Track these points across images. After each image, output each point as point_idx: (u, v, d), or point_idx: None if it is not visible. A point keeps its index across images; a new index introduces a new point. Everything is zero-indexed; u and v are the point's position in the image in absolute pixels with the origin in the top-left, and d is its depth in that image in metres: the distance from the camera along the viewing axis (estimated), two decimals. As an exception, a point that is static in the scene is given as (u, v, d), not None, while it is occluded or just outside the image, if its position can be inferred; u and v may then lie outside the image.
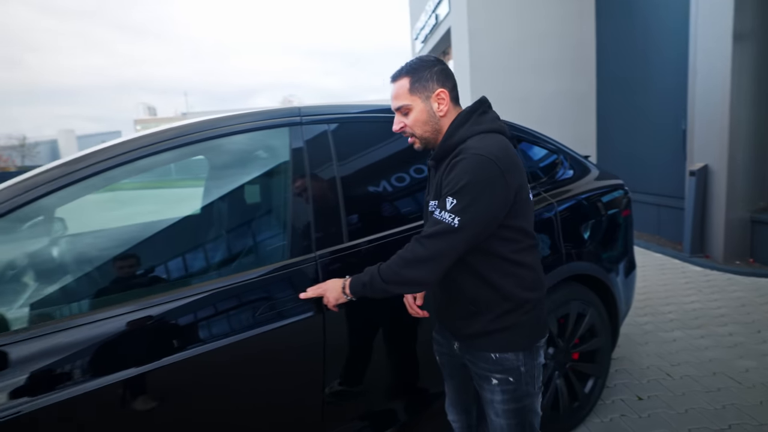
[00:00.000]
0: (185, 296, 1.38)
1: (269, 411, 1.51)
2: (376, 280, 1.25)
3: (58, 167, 1.38)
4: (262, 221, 1.74)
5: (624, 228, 2.56)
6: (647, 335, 3.17)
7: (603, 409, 2.38)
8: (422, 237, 1.21)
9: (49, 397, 1.17)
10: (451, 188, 1.19)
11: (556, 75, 7.90)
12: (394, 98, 1.33)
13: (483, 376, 1.35)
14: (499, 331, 1.30)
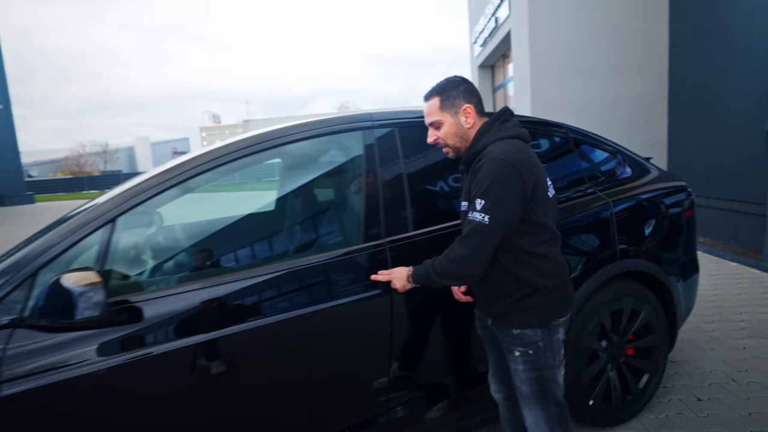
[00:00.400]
0: (280, 270, 1.65)
1: (342, 373, 1.74)
2: (432, 275, 1.48)
3: (160, 174, 1.66)
4: (341, 211, 1.99)
5: (686, 229, 2.56)
6: (713, 342, 3.10)
7: (658, 406, 2.40)
8: (461, 238, 1.43)
9: (171, 344, 1.46)
10: (478, 190, 1.39)
11: (623, 78, 7.64)
12: (427, 115, 1.56)
13: (508, 349, 1.57)
14: (518, 311, 1.51)
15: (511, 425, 1.80)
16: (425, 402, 1.92)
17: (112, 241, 1.51)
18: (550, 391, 1.54)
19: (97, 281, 1.31)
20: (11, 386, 1.28)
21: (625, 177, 2.46)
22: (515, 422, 1.77)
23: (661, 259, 2.37)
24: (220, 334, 1.53)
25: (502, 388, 1.76)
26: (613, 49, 7.65)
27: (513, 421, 1.78)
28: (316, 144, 1.93)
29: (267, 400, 1.64)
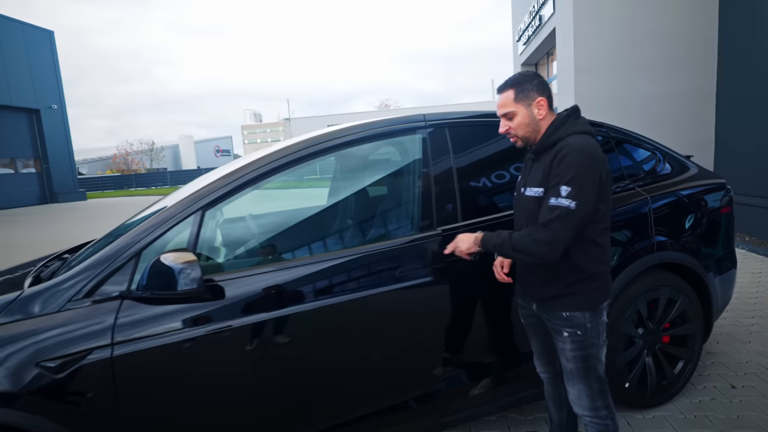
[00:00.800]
0: (346, 256, 1.88)
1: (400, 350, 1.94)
2: (507, 246, 1.60)
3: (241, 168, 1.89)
4: (398, 204, 2.21)
5: (724, 225, 2.67)
6: (752, 335, 3.18)
7: (693, 392, 2.54)
8: (546, 221, 1.52)
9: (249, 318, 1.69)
10: (562, 178, 1.50)
11: (670, 75, 7.57)
12: (501, 106, 1.68)
13: (556, 330, 1.70)
14: (569, 294, 1.64)
15: (554, 400, 1.96)
16: (472, 379, 2.11)
17: (202, 227, 1.77)
18: (594, 368, 1.68)
19: (193, 260, 1.55)
20: (121, 347, 1.53)
21: (664, 174, 2.59)
22: (559, 398, 1.94)
23: (698, 252, 2.50)
24: (291, 311, 1.74)
25: (547, 368, 1.92)
26: (660, 46, 7.60)
27: (557, 397, 1.95)
28: (374, 142, 2.15)
29: (331, 372, 1.83)
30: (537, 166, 1.66)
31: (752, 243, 5.77)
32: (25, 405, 1.43)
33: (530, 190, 1.65)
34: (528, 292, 1.77)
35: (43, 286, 1.64)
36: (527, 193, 1.66)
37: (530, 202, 1.64)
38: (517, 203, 1.77)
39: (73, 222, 14.12)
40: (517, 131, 1.66)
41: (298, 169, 1.98)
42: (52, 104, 24.14)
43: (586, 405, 1.70)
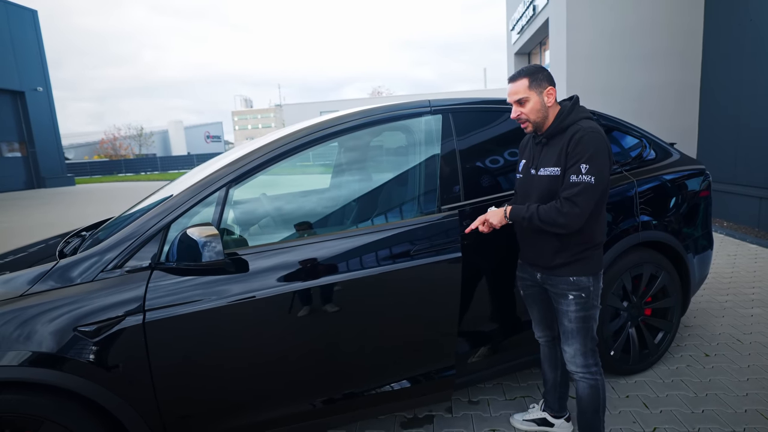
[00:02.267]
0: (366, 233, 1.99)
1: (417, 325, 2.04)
2: (535, 218, 1.78)
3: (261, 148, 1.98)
4: (406, 186, 2.33)
5: (702, 208, 2.87)
6: (725, 311, 3.42)
7: (671, 360, 2.77)
8: (571, 196, 1.71)
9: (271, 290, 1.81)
10: (581, 156, 1.71)
11: (658, 66, 7.79)
12: (515, 93, 1.84)
13: (561, 294, 1.89)
14: (576, 261, 1.85)
15: (550, 362, 2.16)
16: (488, 345, 2.27)
17: (226, 203, 1.89)
18: (591, 328, 1.89)
19: (215, 234, 1.67)
20: (152, 314, 1.66)
21: (649, 159, 2.78)
22: (555, 359, 2.14)
23: (679, 232, 2.70)
24: (312, 285, 1.84)
25: (546, 332, 2.12)
26: (649, 38, 7.81)
27: (553, 359, 2.15)
28: (386, 125, 2.26)
29: (349, 342, 1.94)
30: (549, 150, 1.84)
31: (729, 228, 6.06)
32: (65, 366, 1.56)
33: (544, 170, 1.83)
34: (535, 263, 1.95)
35: (78, 257, 1.76)
36: (541, 173, 1.84)
37: (545, 181, 1.82)
38: (524, 184, 1.94)
39: (64, 206, 14.03)
40: (530, 116, 1.83)
41: (317, 149, 2.08)
42: (37, 86, 23.67)
43: (580, 362, 1.90)
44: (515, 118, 1.88)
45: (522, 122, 1.87)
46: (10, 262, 2.18)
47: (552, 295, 1.95)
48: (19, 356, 1.52)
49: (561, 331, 1.95)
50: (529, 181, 1.92)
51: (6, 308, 1.59)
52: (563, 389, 2.19)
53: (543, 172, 1.84)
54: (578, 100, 1.88)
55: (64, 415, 1.59)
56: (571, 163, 1.74)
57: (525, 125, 1.88)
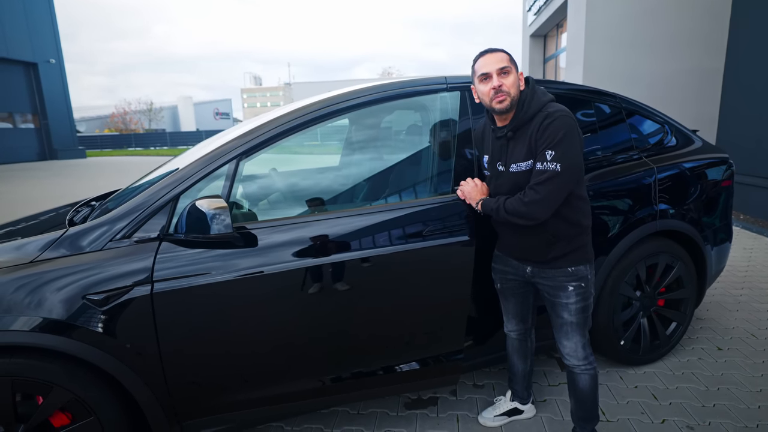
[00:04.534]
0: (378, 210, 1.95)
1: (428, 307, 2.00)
2: (501, 210, 1.71)
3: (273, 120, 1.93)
4: (420, 165, 2.26)
5: (723, 198, 2.79)
6: (740, 305, 3.35)
7: (682, 352, 2.72)
8: (533, 185, 1.62)
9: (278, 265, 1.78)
10: (549, 143, 1.59)
11: (679, 51, 7.57)
12: (498, 61, 1.66)
13: (559, 287, 1.79)
14: (573, 251, 1.77)
15: (521, 353, 2.11)
16: (496, 330, 2.20)
17: (236, 176, 1.84)
18: (589, 318, 1.84)
19: (224, 206, 1.63)
20: (159, 284, 1.65)
21: (670, 146, 2.69)
22: (525, 350, 2.10)
23: (697, 222, 2.63)
24: (322, 262, 1.81)
25: (519, 326, 2.05)
26: (672, 21, 7.58)
27: (524, 350, 2.10)
28: (397, 103, 2.21)
29: (357, 321, 1.92)
30: (517, 143, 1.72)
31: (746, 221, 5.93)
32: (74, 334, 1.56)
33: (516, 166, 1.72)
34: (525, 257, 1.85)
35: (86, 225, 1.74)
36: (513, 169, 1.73)
37: (518, 178, 1.72)
38: (497, 181, 1.81)
39: (75, 179, 14.14)
40: (510, 89, 1.67)
41: (327, 125, 2.03)
42: (49, 58, 23.69)
43: (581, 355, 1.84)
44: (495, 89, 1.66)
45: (500, 95, 1.66)
46: (21, 228, 2.18)
47: (545, 289, 1.85)
48: (29, 322, 1.53)
49: (558, 325, 1.86)
50: (500, 178, 1.80)
51: (17, 274, 1.58)
52: (530, 377, 2.19)
53: (514, 168, 1.73)
54: (534, 83, 1.73)
55: (73, 382, 1.59)
56: (539, 150, 1.63)
57: (502, 99, 1.66)
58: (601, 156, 2.44)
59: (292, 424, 2.22)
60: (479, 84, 1.72)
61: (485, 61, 1.69)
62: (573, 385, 1.90)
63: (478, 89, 1.74)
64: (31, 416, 1.60)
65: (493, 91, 1.67)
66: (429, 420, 2.22)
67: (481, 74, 1.69)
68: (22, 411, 1.61)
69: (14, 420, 1.59)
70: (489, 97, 1.68)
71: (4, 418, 1.58)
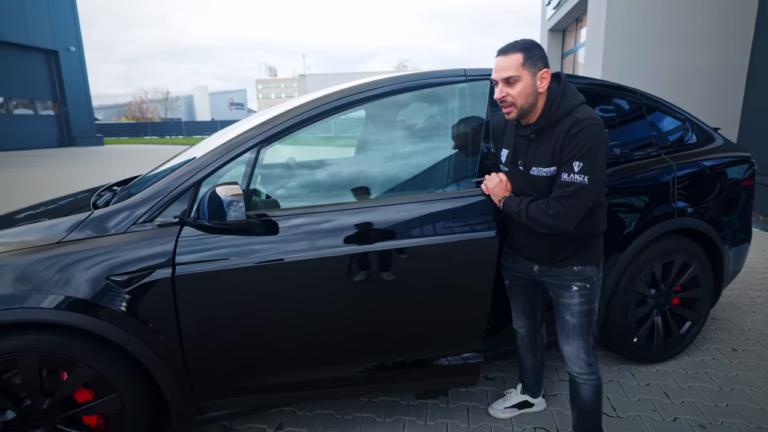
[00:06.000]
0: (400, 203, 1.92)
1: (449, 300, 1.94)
2: (522, 216, 1.64)
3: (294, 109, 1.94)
4: (440, 158, 2.24)
5: (743, 198, 2.75)
6: (757, 306, 3.31)
7: (696, 352, 2.70)
8: (559, 197, 1.54)
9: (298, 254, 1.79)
10: (576, 153, 1.50)
11: (702, 48, 7.41)
12: (504, 69, 1.54)
13: (564, 286, 1.73)
14: (582, 250, 1.70)
15: (530, 349, 2.09)
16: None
17: (257, 164, 1.85)
18: (592, 322, 1.75)
19: (239, 193, 1.63)
20: (181, 268, 1.67)
21: (691, 143, 2.66)
22: (535, 346, 2.08)
23: (716, 221, 2.60)
24: (341, 252, 1.79)
25: (528, 323, 2.03)
26: (697, 18, 7.42)
27: (533, 346, 2.08)
28: (416, 95, 2.20)
29: (374, 315, 1.89)
30: (539, 146, 1.62)
31: (766, 222, 5.83)
32: (98, 313, 1.61)
33: (537, 170, 1.63)
34: (533, 257, 1.80)
35: (110, 209, 1.79)
36: (534, 172, 1.64)
37: (539, 182, 1.64)
38: (515, 178, 1.75)
39: (95, 165, 14.38)
40: (517, 100, 1.56)
41: (344, 116, 2.03)
42: (69, 46, 24.02)
43: (583, 362, 1.76)
44: (498, 99, 1.59)
45: (505, 106, 1.59)
46: (43, 212, 2.24)
47: (551, 288, 1.80)
48: (56, 300, 1.58)
49: (560, 327, 1.80)
50: (518, 177, 1.73)
51: (47, 253, 1.63)
52: (541, 372, 2.19)
53: (535, 171, 1.64)
54: (566, 80, 1.60)
55: (96, 360, 1.65)
56: (565, 159, 1.54)
57: (508, 110, 1.59)
58: (620, 152, 2.42)
59: (304, 409, 2.26)
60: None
61: (495, 64, 1.59)
62: (575, 396, 1.83)
63: None
64: (56, 391, 1.66)
65: (499, 99, 1.60)
66: (439, 410, 2.24)
67: (492, 79, 1.62)
68: (48, 386, 1.67)
69: (41, 394, 1.65)
70: (499, 102, 1.62)
71: (31, 392, 1.64)
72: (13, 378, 1.65)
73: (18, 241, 1.72)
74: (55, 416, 1.69)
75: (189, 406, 1.81)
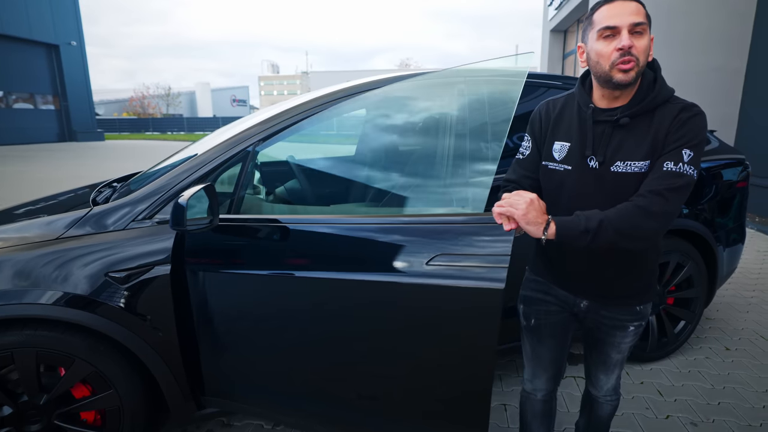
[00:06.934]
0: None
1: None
2: (607, 229, 1.15)
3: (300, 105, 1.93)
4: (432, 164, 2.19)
5: (738, 199, 2.77)
6: (750, 306, 3.34)
7: (690, 351, 2.73)
8: (664, 190, 1.15)
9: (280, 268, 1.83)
10: (688, 140, 1.17)
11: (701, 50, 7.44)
12: (632, 13, 1.16)
13: (618, 326, 1.41)
14: (645, 286, 1.39)
15: (542, 419, 1.63)
16: None
17: (249, 163, 1.83)
18: None
19: (206, 194, 1.55)
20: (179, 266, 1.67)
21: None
22: (549, 416, 1.65)
23: (711, 222, 2.62)
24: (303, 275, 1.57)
25: (549, 382, 1.57)
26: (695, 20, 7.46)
27: (547, 416, 1.64)
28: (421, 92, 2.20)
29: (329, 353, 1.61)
30: (630, 134, 1.24)
31: (762, 223, 5.87)
32: (96, 309, 1.63)
33: (626, 165, 1.23)
34: (585, 289, 1.41)
35: (110, 205, 1.80)
36: (619, 168, 1.24)
37: (625, 180, 1.23)
38: (576, 181, 1.30)
39: (98, 160, 14.38)
40: (641, 56, 1.18)
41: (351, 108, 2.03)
42: (71, 40, 24.00)
43: (612, 387, 1.56)
44: (624, 49, 1.16)
45: (626, 60, 1.16)
46: (43, 207, 2.26)
47: (598, 326, 1.45)
48: (54, 296, 1.59)
49: (598, 362, 1.53)
50: (585, 177, 1.28)
51: (46, 250, 1.65)
52: None
53: (621, 167, 1.23)
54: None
55: (94, 356, 1.66)
56: (671, 147, 1.18)
57: (629, 66, 1.16)
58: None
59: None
60: (597, 41, 1.20)
61: (615, 9, 1.18)
62: (591, 411, 1.65)
63: (592, 48, 1.22)
64: (53, 387, 1.68)
65: (618, 52, 1.16)
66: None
67: (605, 27, 1.18)
68: (46, 381, 1.69)
69: (38, 390, 1.67)
70: (610, 60, 1.18)
71: (29, 388, 1.66)
72: (11, 373, 1.67)
73: (17, 237, 1.74)
74: (52, 412, 1.70)
75: (187, 401, 1.83)
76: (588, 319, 1.46)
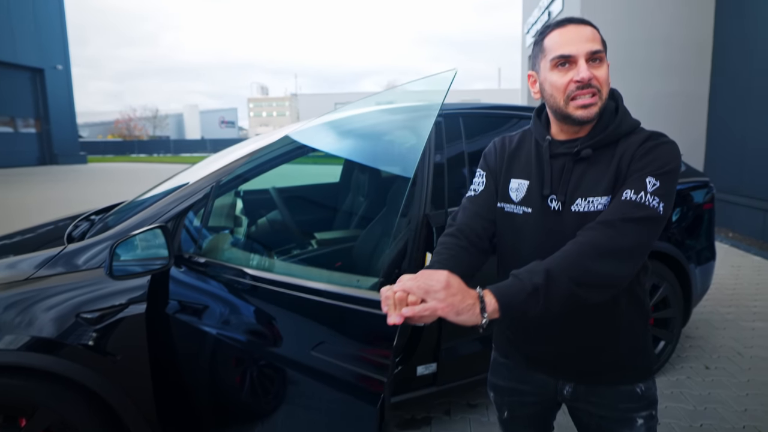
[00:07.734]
0: None
1: None
2: (559, 279, 0.88)
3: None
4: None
5: (706, 220, 2.86)
6: (727, 323, 3.41)
7: (671, 371, 2.76)
8: (617, 220, 0.93)
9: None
10: (655, 169, 0.96)
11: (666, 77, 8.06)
12: (588, 40, 1.00)
13: (622, 419, 1.08)
14: (642, 354, 1.10)
15: None
16: None
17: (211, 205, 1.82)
18: None
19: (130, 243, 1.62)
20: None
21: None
22: None
23: (682, 243, 2.69)
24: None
25: None
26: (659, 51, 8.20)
27: None
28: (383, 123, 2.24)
29: None
30: (592, 168, 1.04)
31: (735, 239, 6.04)
32: (63, 352, 1.55)
33: (586, 202, 1.02)
34: (566, 369, 1.12)
35: (85, 243, 1.77)
36: (579, 208, 1.03)
37: (582, 220, 1.01)
38: (536, 222, 1.08)
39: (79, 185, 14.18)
40: (603, 87, 1.01)
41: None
42: (57, 64, 23.82)
43: None
44: (583, 81, 0.98)
45: (587, 94, 0.99)
46: (17, 242, 2.22)
47: (595, 421, 1.12)
48: (17, 340, 1.52)
49: None
50: (544, 219, 1.07)
51: (9, 292, 1.59)
52: None
53: (582, 206, 1.03)
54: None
55: (59, 403, 1.57)
56: (634, 174, 0.98)
57: (590, 102, 0.99)
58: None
59: None
60: (550, 71, 1.03)
61: (568, 35, 1.01)
62: None
63: (546, 78, 1.04)
64: None
65: (575, 84, 0.99)
66: (419, 436, 2.24)
67: (559, 56, 1.01)
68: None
69: None
70: (566, 93, 1.01)
71: None
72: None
73: None
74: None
75: None
76: (580, 412, 1.14)
